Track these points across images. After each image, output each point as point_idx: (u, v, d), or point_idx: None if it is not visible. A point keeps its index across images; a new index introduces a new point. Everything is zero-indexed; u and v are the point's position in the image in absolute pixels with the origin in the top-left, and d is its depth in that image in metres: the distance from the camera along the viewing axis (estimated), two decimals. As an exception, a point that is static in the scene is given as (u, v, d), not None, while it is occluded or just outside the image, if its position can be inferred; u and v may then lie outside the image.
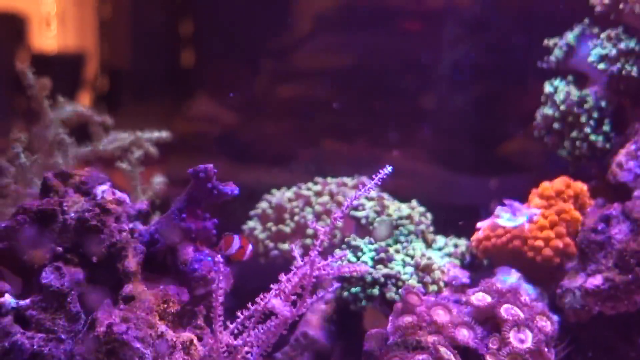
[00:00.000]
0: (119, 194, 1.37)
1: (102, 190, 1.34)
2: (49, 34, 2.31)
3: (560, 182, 1.53)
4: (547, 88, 1.65)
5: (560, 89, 1.62)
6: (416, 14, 2.27)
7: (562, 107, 1.60)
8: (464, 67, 2.23)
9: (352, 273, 1.09)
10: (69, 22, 2.44)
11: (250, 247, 1.43)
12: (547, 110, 1.64)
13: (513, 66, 2.16)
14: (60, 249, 1.25)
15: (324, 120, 2.31)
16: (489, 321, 1.27)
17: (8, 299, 1.19)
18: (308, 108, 2.31)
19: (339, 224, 1.69)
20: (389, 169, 1.22)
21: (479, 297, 1.29)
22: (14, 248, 1.24)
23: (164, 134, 1.72)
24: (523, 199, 1.61)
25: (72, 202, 1.29)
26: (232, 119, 2.33)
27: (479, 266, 1.64)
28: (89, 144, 1.67)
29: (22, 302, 1.20)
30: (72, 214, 1.27)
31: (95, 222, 1.27)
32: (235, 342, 1.13)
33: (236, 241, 1.36)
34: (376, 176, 1.22)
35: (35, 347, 1.16)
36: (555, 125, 1.63)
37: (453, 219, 1.84)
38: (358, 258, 1.52)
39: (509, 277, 1.46)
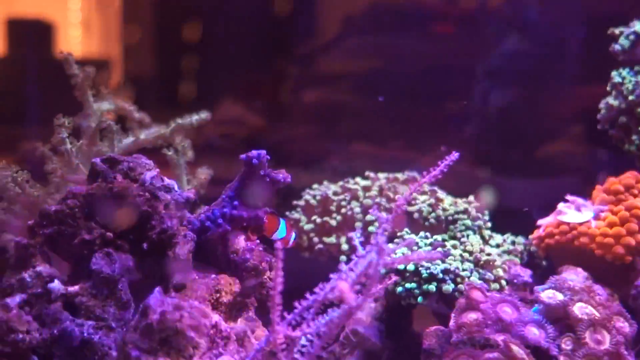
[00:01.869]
0: (167, 180, 1.32)
1: (151, 176, 1.29)
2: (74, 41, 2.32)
3: (629, 176, 1.44)
4: (615, 78, 1.57)
5: (628, 79, 1.53)
6: (450, 15, 2.23)
7: (631, 98, 1.51)
8: (503, 67, 2.18)
9: (424, 260, 1.02)
10: (94, 29, 2.44)
11: (293, 234, 1.37)
12: (613, 102, 1.56)
13: (555, 66, 2.10)
14: (110, 234, 1.21)
15: (355, 123, 2.28)
16: (561, 320, 1.19)
17: (57, 284, 1.15)
18: (336, 111, 2.28)
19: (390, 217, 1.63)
20: (455, 155, 1.15)
21: (550, 295, 1.21)
22: (63, 233, 1.20)
23: (204, 115, 1.66)
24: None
25: (122, 188, 1.25)
26: (260, 122, 2.31)
27: (538, 265, 1.56)
28: (130, 134, 1.63)
29: (71, 289, 1.16)
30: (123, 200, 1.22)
31: (146, 208, 1.23)
32: (293, 334, 1.07)
33: (282, 225, 1.30)
34: (438, 166, 1.16)
35: (85, 334, 1.11)
36: (622, 119, 1.55)
37: (496, 221, 1.78)
38: (413, 253, 1.45)
39: (576, 277, 1.37)
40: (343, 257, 1.53)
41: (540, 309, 1.20)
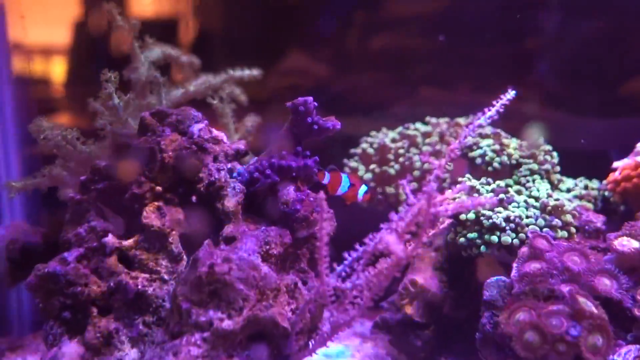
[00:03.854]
0: (216, 132, 1.30)
1: (199, 128, 1.27)
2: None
3: None
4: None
5: None
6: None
7: None
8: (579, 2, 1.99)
9: (475, 207, 0.95)
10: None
11: (364, 187, 1.31)
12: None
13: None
14: (159, 188, 1.21)
15: (420, 68, 2.17)
16: (635, 271, 1.09)
17: (111, 238, 1.17)
18: (403, 56, 2.18)
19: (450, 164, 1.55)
20: (512, 93, 1.05)
21: (623, 242, 1.10)
22: (114, 187, 1.21)
23: (255, 72, 1.63)
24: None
25: (170, 141, 1.24)
26: (325, 71, 2.25)
27: (614, 211, 1.44)
28: (179, 85, 1.62)
29: (125, 242, 1.18)
30: (170, 153, 1.22)
31: (194, 161, 1.21)
32: (343, 286, 1.04)
33: (345, 180, 1.25)
34: (496, 103, 1.06)
35: (139, 287, 1.13)
36: None
37: (575, 164, 1.65)
38: (473, 200, 1.37)
39: (656, 222, 1.24)
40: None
41: (613, 258, 1.10)
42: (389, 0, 2.18)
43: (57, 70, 2.04)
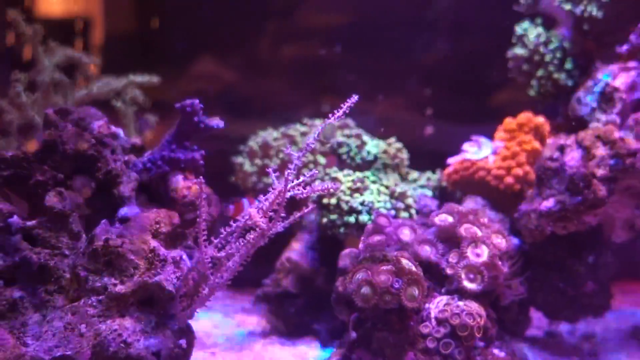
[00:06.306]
0: (114, 128, 1.49)
1: (99, 125, 1.46)
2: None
3: (522, 116, 1.64)
4: (517, 30, 1.74)
5: (529, 30, 1.71)
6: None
7: (530, 47, 1.69)
8: (450, 21, 2.31)
9: (324, 191, 1.21)
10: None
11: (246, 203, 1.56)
12: (518, 50, 1.74)
13: (497, 20, 2.23)
14: (61, 176, 1.38)
15: (323, 77, 2.40)
16: (450, 239, 1.40)
17: (16, 219, 1.33)
18: (307, 65, 2.40)
19: (321, 158, 1.82)
20: (355, 97, 1.32)
21: (442, 218, 1.41)
22: (19, 175, 1.37)
23: (154, 79, 1.82)
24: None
25: (70, 135, 1.41)
26: (233, 77, 2.43)
27: (450, 197, 1.77)
28: (83, 87, 1.78)
29: (29, 223, 1.34)
30: (71, 145, 1.40)
31: (92, 152, 1.40)
32: (218, 254, 1.27)
33: (246, 204, 1.49)
34: (344, 105, 1.32)
35: (42, 260, 1.30)
36: (524, 67, 1.73)
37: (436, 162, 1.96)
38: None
39: (474, 204, 1.58)
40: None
41: (435, 231, 1.41)
42: (296, 10, 2.40)
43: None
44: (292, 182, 1.24)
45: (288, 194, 1.24)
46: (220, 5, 2.35)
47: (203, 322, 1.77)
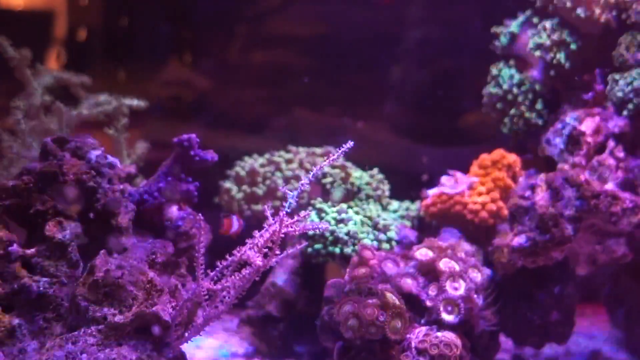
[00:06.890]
0: (111, 158, 1.54)
1: (96, 154, 1.51)
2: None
3: (496, 153, 1.76)
4: (493, 71, 1.86)
5: (503, 72, 1.83)
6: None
7: (505, 87, 1.82)
8: (426, 44, 2.40)
9: (315, 230, 1.29)
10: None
11: (242, 223, 1.63)
12: (492, 89, 1.86)
13: (470, 45, 2.34)
14: (61, 206, 1.43)
15: (296, 88, 2.45)
16: (430, 273, 1.50)
17: (16, 247, 1.37)
18: (281, 74, 2.42)
19: (307, 188, 1.91)
20: (350, 143, 1.40)
21: (423, 253, 1.52)
22: (20, 204, 1.41)
23: (142, 103, 1.88)
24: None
25: (71, 166, 1.46)
26: (207, 84, 2.45)
27: (427, 227, 1.87)
28: (73, 108, 1.82)
29: (28, 251, 1.39)
30: (71, 176, 1.44)
31: (92, 184, 1.45)
32: (214, 287, 1.34)
33: (235, 221, 1.56)
34: (340, 149, 1.41)
35: (41, 288, 1.35)
36: (498, 105, 1.85)
37: (412, 185, 2.06)
38: (321, 218, 1.74)
39: (451, 237, 1.69)
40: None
41: (416, 264, 1.51)
42: (269, 17, 2.44)
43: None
44: (287, 221, 1.32)
45: (282, 231, 1.32)
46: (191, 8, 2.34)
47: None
